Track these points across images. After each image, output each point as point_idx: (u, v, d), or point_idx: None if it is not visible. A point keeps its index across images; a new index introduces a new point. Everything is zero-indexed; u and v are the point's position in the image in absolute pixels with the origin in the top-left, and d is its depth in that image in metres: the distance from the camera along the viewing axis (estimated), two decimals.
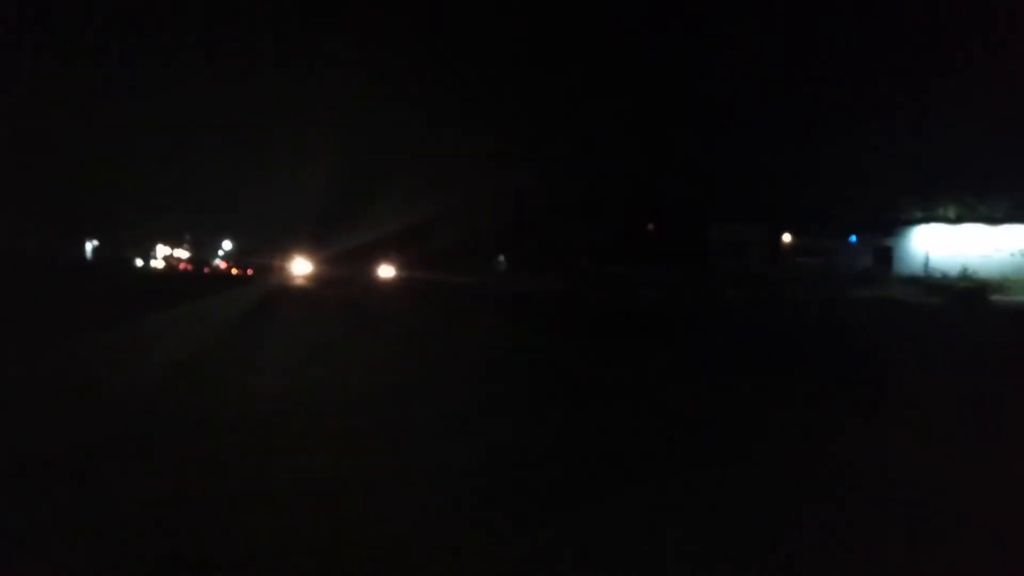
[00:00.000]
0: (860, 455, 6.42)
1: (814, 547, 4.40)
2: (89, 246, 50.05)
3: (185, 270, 55.46)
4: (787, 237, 45.96)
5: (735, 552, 4.29)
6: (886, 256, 42.90)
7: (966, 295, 28.18)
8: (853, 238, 43.96)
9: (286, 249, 56.33)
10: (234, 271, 54.70)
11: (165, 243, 62.60)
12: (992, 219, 40.34)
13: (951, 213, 41.45)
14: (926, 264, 40.31)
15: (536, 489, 5.29)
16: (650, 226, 53.64)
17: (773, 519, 4.82)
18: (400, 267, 52.73)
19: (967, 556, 4.35)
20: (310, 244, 55.30)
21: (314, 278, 45.13)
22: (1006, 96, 37.76)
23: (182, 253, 65.83)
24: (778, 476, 5.78)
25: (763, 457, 6.35)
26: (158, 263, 59.72)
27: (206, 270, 56.00)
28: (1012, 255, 39.35)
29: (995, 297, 29.06)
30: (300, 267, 50.70)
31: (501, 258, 57.11)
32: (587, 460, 6.17)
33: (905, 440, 6.96)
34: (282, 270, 49.61)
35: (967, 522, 4.86)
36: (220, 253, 65.33)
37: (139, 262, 56.10)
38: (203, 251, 63.82)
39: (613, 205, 51.69)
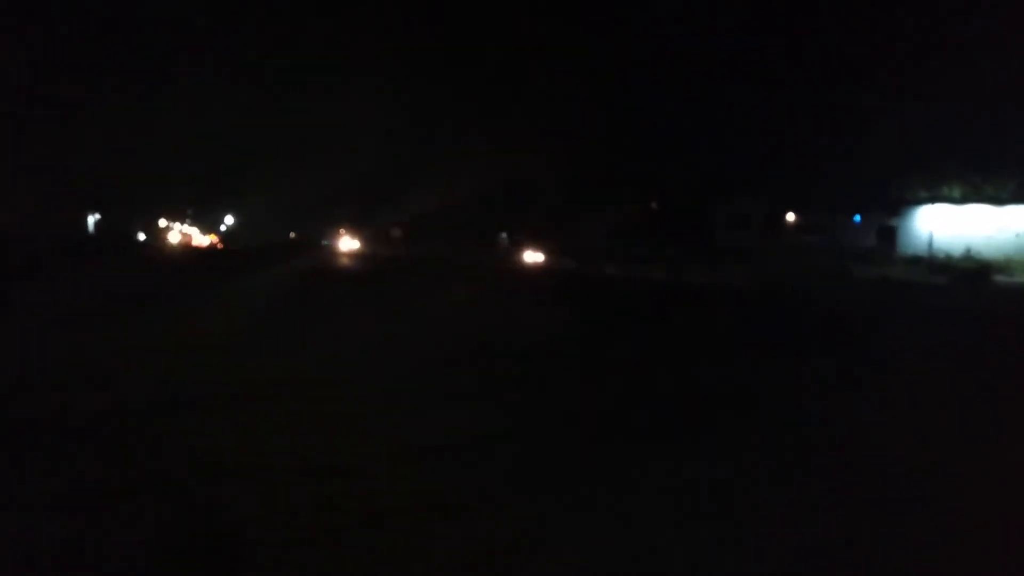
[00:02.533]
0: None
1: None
2: (91, 220, 50.01)
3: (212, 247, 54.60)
4: (791, 216, 45.85)
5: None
6: (890, 235, 42.77)
7: (969, 275, 28.18)
8: (857, 217, 43.82)
9: (323, 226, 56.36)
10: (219, 246, 54.39)
11: (167, 218, 62.46)
12: (997, 199, 40.14)
13: (956, 193, 41.23)
14: (930, 244, 40.21)
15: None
16: (654, 204, 53.54)
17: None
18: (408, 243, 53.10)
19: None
20: (350, 221, 55.45)
21: (363, 257, 42.60)
22: (1012, 76, 37.40)
23: (186, 228, 65.62)
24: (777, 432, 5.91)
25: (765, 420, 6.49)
26: (172, 238, 59.21)
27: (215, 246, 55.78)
28: (1017, 235, 39.21)
29: (999, 278, 29.04)
30: (346, 244, 49.96)
31: (504, 235, 57.22)
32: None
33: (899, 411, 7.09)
34: (319, 248, 48.34)
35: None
36: (221, 229, 65.29)
37: (141, 237, 56.04)
38: (206, 226, 63.76)
39: (618, 183, 51.55)
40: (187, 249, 50.78)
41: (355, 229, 54.69)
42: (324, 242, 55.12)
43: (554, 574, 3.80)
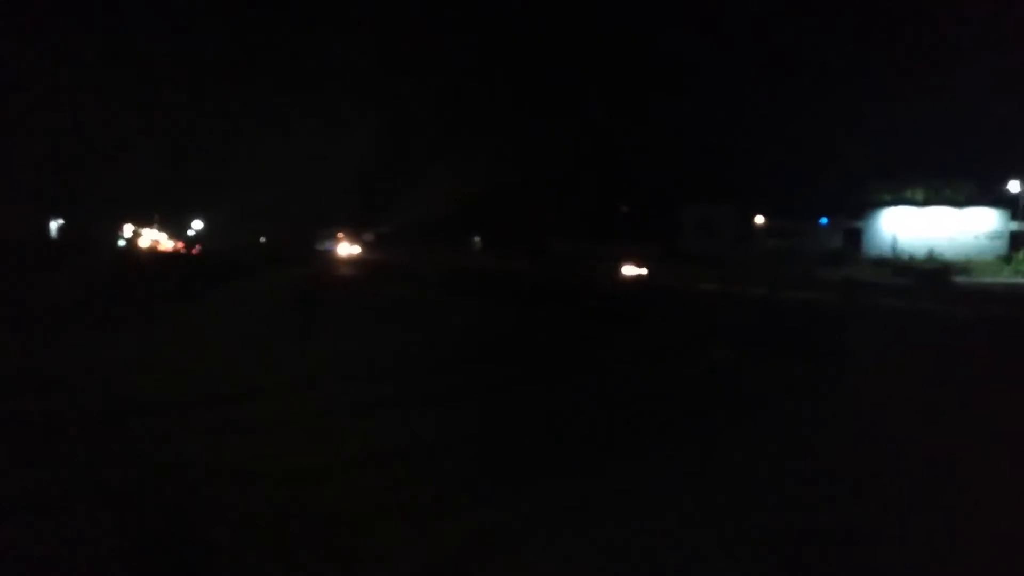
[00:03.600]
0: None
1: None
2: (54, 225, 48.91)
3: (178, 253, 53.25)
4: (760, 219, 46.36)
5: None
6: (855, 238, 43.48)
7: (930, 276, 28.66)
8: (824, 220, 44.49)
9: (304, 229, 54.86)
10: (194, 252, 53.25)
11: (133, 223, 61.33)
12: (957, 202, 41.05)
13: (918, 196, 42.08)
14: (894, 245, 40.95)
15: None
16: (623, 208, 53.85)
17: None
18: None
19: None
20: (353, 224, 54.13)
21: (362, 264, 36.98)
22: (973, 84, 38.31)
23: (153, 233, 64.56)
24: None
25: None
26: (142, 243, 57.82)
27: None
28: (976, 237, 40.12)
29: (959, 278, 29.56)
30: (345, 249, 47.27)
31: (476, 239, 57.22)
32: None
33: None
34: (312, 253, 45.09)
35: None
36: (190, 233, 64.33)
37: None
38: (172, 231, 62.78)
39: (588, 186, 51.79)
40: (155, 254, 49.70)
41: (353, 232, 53.34)
42: (322, 246, 52.60)
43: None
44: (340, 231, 54.25)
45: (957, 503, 4.74)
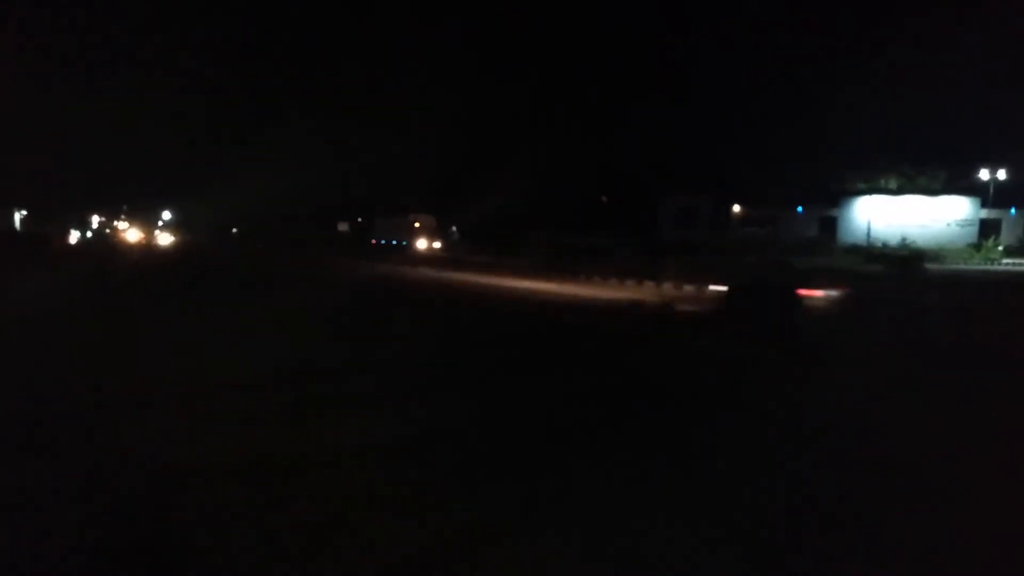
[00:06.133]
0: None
1: None
2: (17, 216, 47.62)
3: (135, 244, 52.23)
4: (736, 208, 46.46)
5: None
6: (830, 226, 43.71)
7: (903, 263, 28.82)
8: (799, 208, 44.71)
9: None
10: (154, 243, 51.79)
11: (101, 214, 60.12)
12: (930, 190, 41.43)
13: (892, 184, 42.41)
14: (868, 233, 41.22)
15: None
16: (604, 198, 53.68)
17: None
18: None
19: None
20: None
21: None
22: (946, 73, 38.60)
23: (122, 225, 63.25)
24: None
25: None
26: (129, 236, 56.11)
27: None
28: (948, 225, 40.53)
29: (932, 265, 29.79)
30: (423, 244, 41.49)
31: (454, 229, 56.59)
32: None
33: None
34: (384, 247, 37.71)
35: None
36: (159, 224, 63.18)
37: (74, 235, 53.66)
38: (141, 223, 61.55)
39: (566, 177, 51.51)
40: (124, 245, 48.56)
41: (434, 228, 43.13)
42: (395, 240, 43.92)
43: None
44: (417, 220, 43.52)
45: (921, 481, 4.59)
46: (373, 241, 48.10)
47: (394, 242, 45.23)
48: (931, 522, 4.07)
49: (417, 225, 44.26)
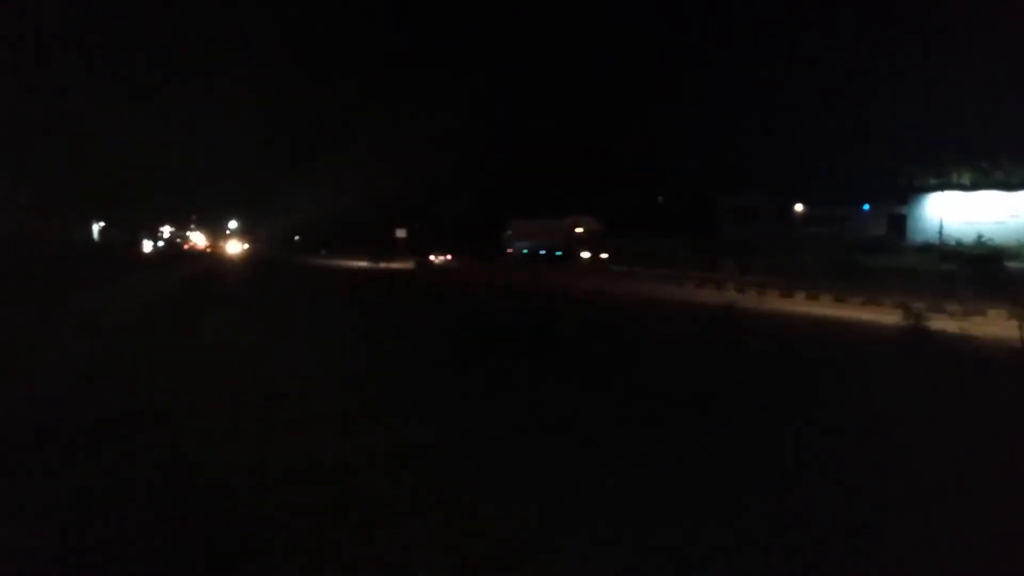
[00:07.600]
0: None
1: None
2: (96, 228, 50.12)
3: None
4: (800, 207, 45.27)
5: None
6: (899, 224, 42.10)
7: (980, 262, 27.57)
8: (866, 206, 43.24)
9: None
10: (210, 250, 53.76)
11: (171, 224, 62.74)
12: (1008, 185, 39.37)
13: (965, 179, 40.49)
14: (940, 231, 39.51)
15: None
16: (660, 198, 53.06)
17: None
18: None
19: None
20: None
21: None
22: (1020, 62, 36.74)
23: (193, 234, 65.78)
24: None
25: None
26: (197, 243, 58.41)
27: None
28: None
29: (1011, 264, 28.41)
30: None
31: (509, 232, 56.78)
32: None
33: None
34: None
35: None
36: (227, 232, 65.53)
37: (147, 244, 56.16)
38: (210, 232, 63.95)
39: (623, 176, 51.18)
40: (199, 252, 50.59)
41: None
42: (544, 249, 36.29)
43: None
44: (577, 223, 34.85)
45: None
46: (509, 251, 39.18)
47: (542, 252, 36.76)
48: None
49: (579, 230, 35.33)
